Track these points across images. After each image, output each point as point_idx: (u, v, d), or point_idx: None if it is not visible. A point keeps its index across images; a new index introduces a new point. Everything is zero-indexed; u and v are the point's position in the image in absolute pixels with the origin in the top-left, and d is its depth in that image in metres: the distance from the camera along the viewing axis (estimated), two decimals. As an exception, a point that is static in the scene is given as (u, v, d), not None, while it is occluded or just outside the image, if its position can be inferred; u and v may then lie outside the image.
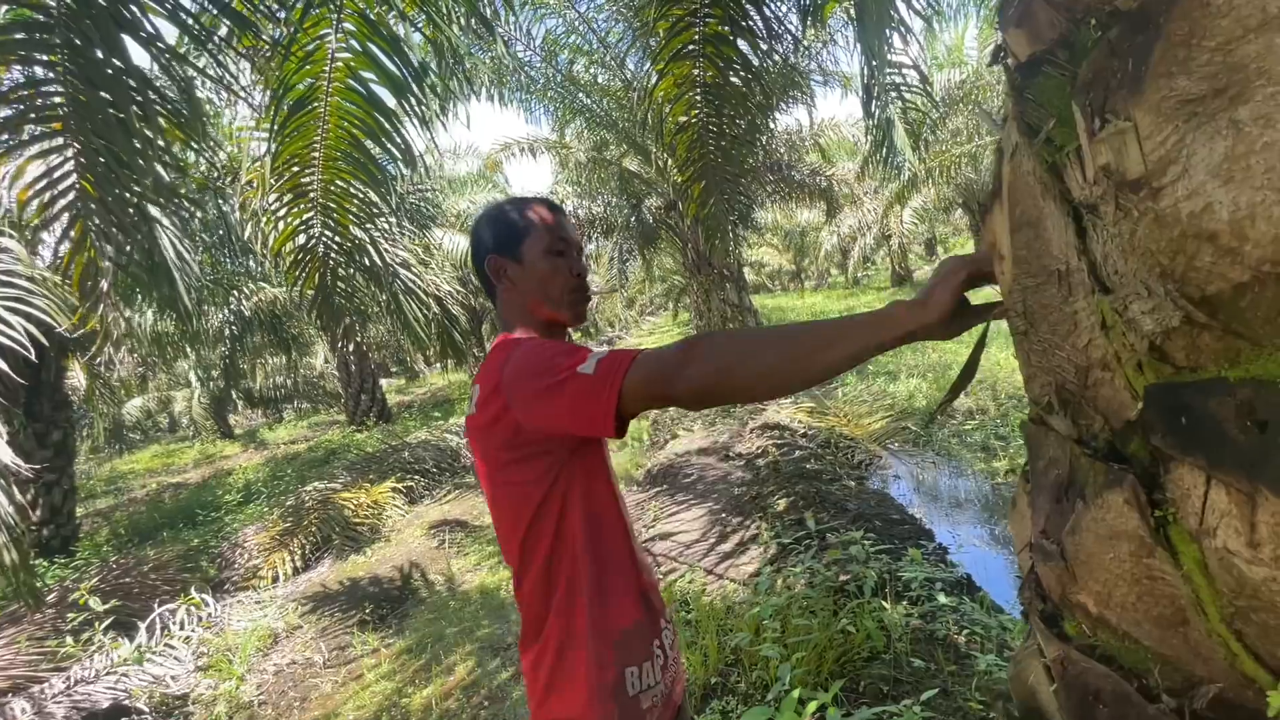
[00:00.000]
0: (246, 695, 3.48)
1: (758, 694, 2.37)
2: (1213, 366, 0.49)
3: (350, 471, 7.50)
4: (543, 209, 1.03)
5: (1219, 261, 0.46)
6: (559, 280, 1.00)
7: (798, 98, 8.55)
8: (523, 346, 0.88)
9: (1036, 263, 0.68)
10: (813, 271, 26.80)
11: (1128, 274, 0.52)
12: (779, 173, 10.69)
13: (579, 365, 0.78)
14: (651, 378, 0.74)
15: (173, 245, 5.15)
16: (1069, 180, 0.60)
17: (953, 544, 3.54)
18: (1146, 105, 0.48)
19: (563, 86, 8.28)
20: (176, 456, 13.55)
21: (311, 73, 2.98)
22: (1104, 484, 0.60)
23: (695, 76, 3.81)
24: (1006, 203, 0.69)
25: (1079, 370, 0.65)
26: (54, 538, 6.41)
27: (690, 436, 6.65)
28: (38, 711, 3.16)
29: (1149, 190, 0.48)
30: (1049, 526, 0.67)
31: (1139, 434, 0.56)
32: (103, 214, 2.59)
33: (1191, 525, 0.52)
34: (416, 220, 9.19)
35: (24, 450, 6.19)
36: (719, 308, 8.97)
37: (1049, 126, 0.59)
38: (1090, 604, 0.62)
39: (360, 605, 4.36)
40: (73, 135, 2.31)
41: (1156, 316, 0.50)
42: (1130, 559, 0.58)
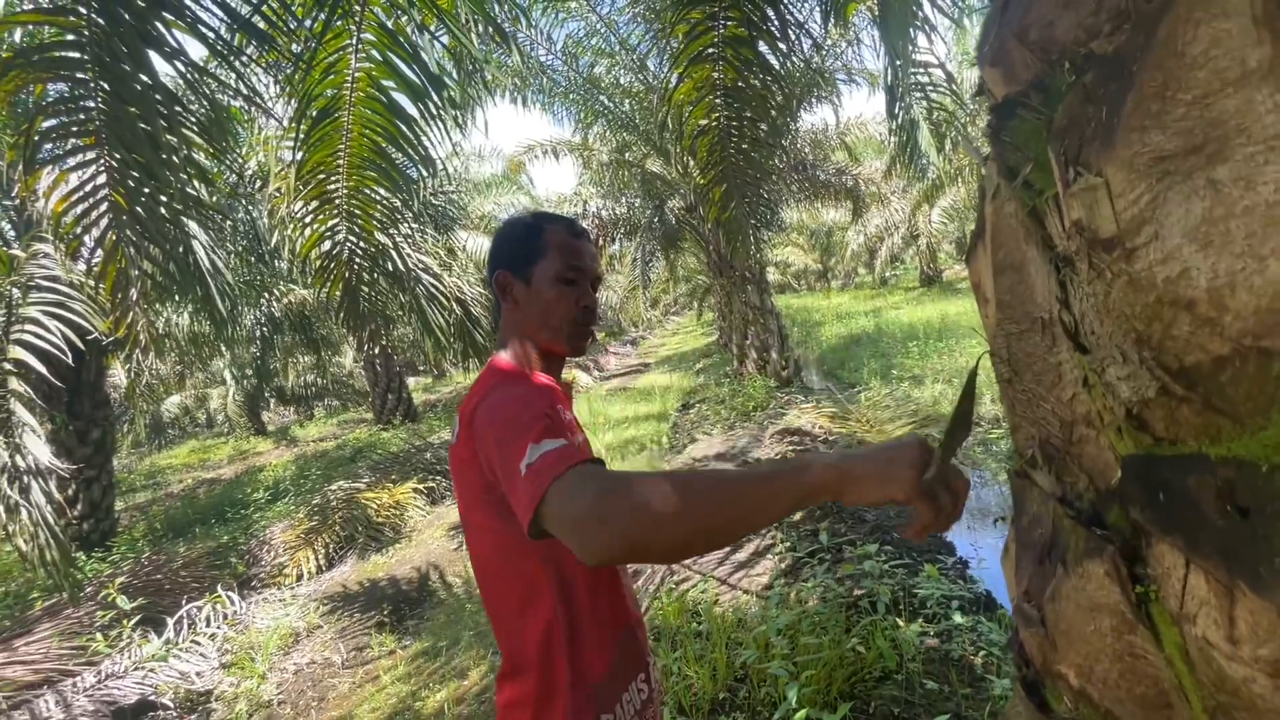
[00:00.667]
0: (267, 694, 3.56)
1: (766, 711, 2.33)
2: (1193, 441, 0.45)
3: (374, 471, 7.64)
4: (564, 233, 0.99)
5: (1197, 332, 0.42)
6: (563, 310, 0.96)
7: (822, 97, 8.43)
8: (492, 398, 0.84)
9: (1020, 308, 0.65)
10: (839, 271, 26.43)
11: (1104, 336, 0.49)
12: (804, 172, 10.55)
13: (525, 451, 0.72)
14: (559, 517, 0.66)
15: (205, 252, 5.31)
16: (1050, 227, 0.57)
17: (974, 557, 3.44)
18: (1119, 160, 0.44)
19: (584, 89, 8.29)
20: (212, 452, 13.97)
21: (334, 83, 3.03)
22: (1085, 551, 0.56)
23: (715, 79, 3.77)
24: (989, 244, 0.66)
25: (1064, 424, 0.61)
26: (93, 532, 6.66)
27: (709, 441, 6.60)
28: (67, 706, 3.28)
29: (1122, 251, 0.45)
30: (1031, 588, 0.63)
31: (1119, 503, 0.52)
32: (134, 224, 2.67)
33: (1173, 607, 0.48)
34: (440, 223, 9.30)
35: (65, 447, 6.44)
36: (740, 310, 8.89)
37: (1026, 170, 0.55)
38: (1072, 676, 0.58)
39: (379, 606, 4.43)
40: (105, 149, 2.40)
41: (1132, 385, 0.47)
42: (1112, 634, 0.54)
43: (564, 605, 0.87)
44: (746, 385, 8.20)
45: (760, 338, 8.79)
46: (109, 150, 2.39)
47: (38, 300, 4.80)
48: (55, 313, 4.73)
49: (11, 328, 4.66)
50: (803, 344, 13.01)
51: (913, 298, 16.50)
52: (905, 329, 10.90)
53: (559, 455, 0.70)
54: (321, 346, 11.44)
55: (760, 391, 7.73)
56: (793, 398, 7.55)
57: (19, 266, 4.99)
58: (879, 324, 12.38)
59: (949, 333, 9.58)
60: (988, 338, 0.70)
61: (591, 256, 1.01)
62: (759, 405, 7.26)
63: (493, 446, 0.77)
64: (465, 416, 0.88)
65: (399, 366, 12.86)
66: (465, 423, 0.87)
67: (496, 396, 0.84)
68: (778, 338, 8.73)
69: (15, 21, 2.36)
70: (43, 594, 4.89)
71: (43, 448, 4.27)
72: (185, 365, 13.40)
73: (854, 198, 11.25)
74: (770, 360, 8.69)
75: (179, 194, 2.80)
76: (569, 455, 0.70)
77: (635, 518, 0.62)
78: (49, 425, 6.38)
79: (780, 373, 8.56)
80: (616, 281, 21.00)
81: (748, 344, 8.96)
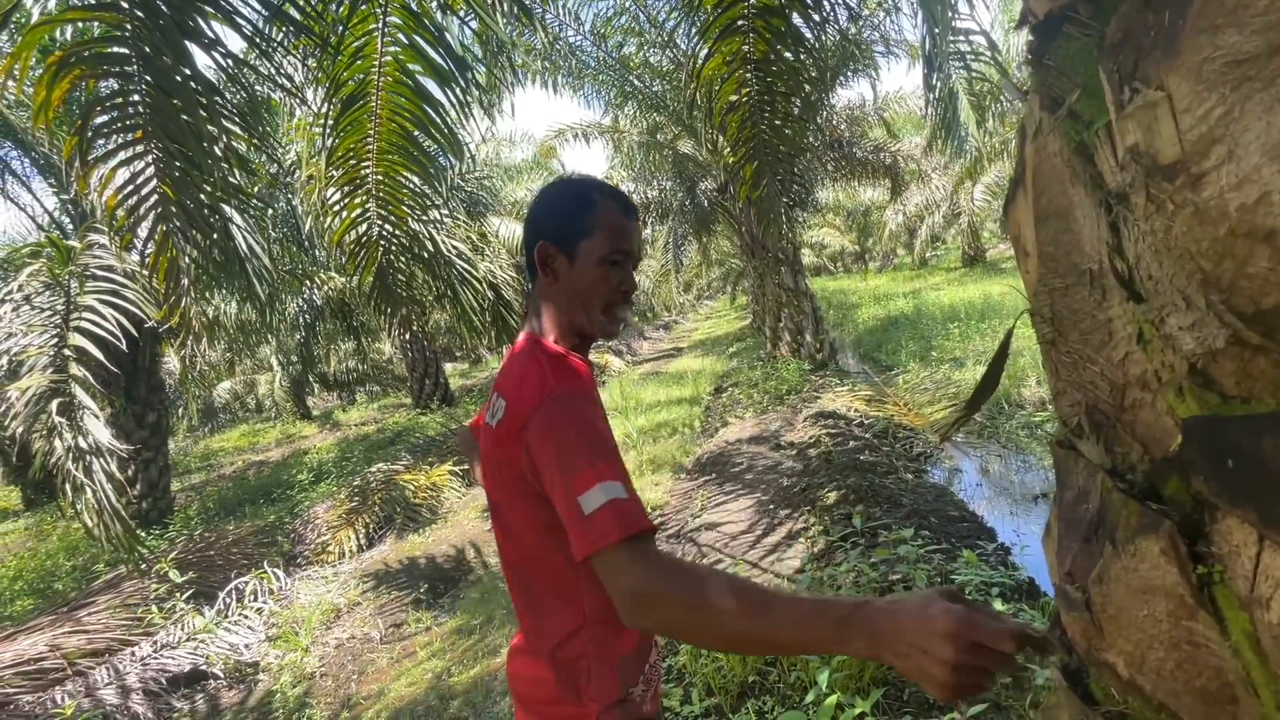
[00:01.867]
0: (310, 666, 3.69)
1: (796, 695, 2.30)
2: (1270, 398, 0.39)
3: (412, 454, 7.81)
4: (616, 209, 0.94)
5: (1278, 268, 0.36)
6: (604, 291, 0.93)
7: (859, 70, 8.15)
8: (553, 409, 0.81)
9: (1065, 260, 0.58)
10: (877, 252, 25.75)
11: (1164, 281, 0.43)
12: (840, 150, 10.25)
13: (590, 486, 0.74)
14: (615, 578, 0.71)
15: (244, 240, 5.46)
16: (1100, 163, 0.50)
17: (1016, 544, 3.32)
18: (1184, 69, 0.38)
19: (614, 70, 8.20)
20: (261, 436, 14.53)
21: (362, 68, 3.05)
22: (1138, 527, 0.50)
23: (745, 53, 3.66)
24: (1031, 190, 0.59)
25: (1114, 388, 0.55)
26: (152, 510, 7.00)
27: (741, 424, 6.53)
28: (130, 672, 3.46)
29: (1187, 177, 0.38)
30: (1075, 569, 0.57)
31: (1178, 473, 0.46)
32: (181, 215, 2.76)
33: (1241, 590, 0.42)
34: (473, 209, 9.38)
35: (124, 430, 6.76)
36: (773, 292, 8.73)
37: (1073, 98, 0.49)
38: (1120, 665, 0.53)
39: (416, 584, 4.54)
40: (152, 141, 2.46)
41: (1198, 334, 0.41)
42: (1168, 619, 0.48)
43: (597, 600, 0.88)
44: (779, 368, 8.07)
45: (794, 320, 8.63)
46: (155, 143, 2.46)
47: (94, 289, 5.02)
48: (111, 301, 4.94)
49: (71, 315, 4.89)
50: (838, 326, 12.73)
51: (954, 278, 15.94)
52: (946, 310, 10.54)
53: (628, 514, 0.73)
54: (361, 333, 11.73)
55: (794, 374, 7.60)
56: (827, 381, 7.40)
57: (76, 257, 5.22)
58: (918, 305, 12.01)
59: (992, 313, 9.22)
60: (1028, 296, 0.63)
61: (638, 236, 0.98)
62: (792, 388, 7.14)
63: (552, 466, 0.77)
64: (517, 412, 0.85)
65: (436, 352, 13.10)
66: (515, 418, 0.84)
67: (557, 409, 0.80)
68: (812, 320, 8.55)
69: (63, 20, 2.44)
70: (107, 567, 5.17)
71: (103, 429, 4.48)
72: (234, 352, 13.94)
73: (892, 175, 10.90)
74: (804, 343, 8.53)
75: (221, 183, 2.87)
76: (637, 516, 0.73)
77: (678, 623, 0.69)
78: (108, 409, 6.70)
79: (814, 355, 8.40)
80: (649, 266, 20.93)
81: (781, 326, 8.81)
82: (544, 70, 7.94)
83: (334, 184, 3.59)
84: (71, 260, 5.14)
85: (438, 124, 3.21)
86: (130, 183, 2.67)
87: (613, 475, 0.75)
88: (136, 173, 2.65)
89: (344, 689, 3.46)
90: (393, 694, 3.29)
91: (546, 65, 7.91)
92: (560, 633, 0.90)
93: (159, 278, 3.22)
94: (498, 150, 13.50)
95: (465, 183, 9.29)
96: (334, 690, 3.47)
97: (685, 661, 2.64)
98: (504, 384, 0.92)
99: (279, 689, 3.46)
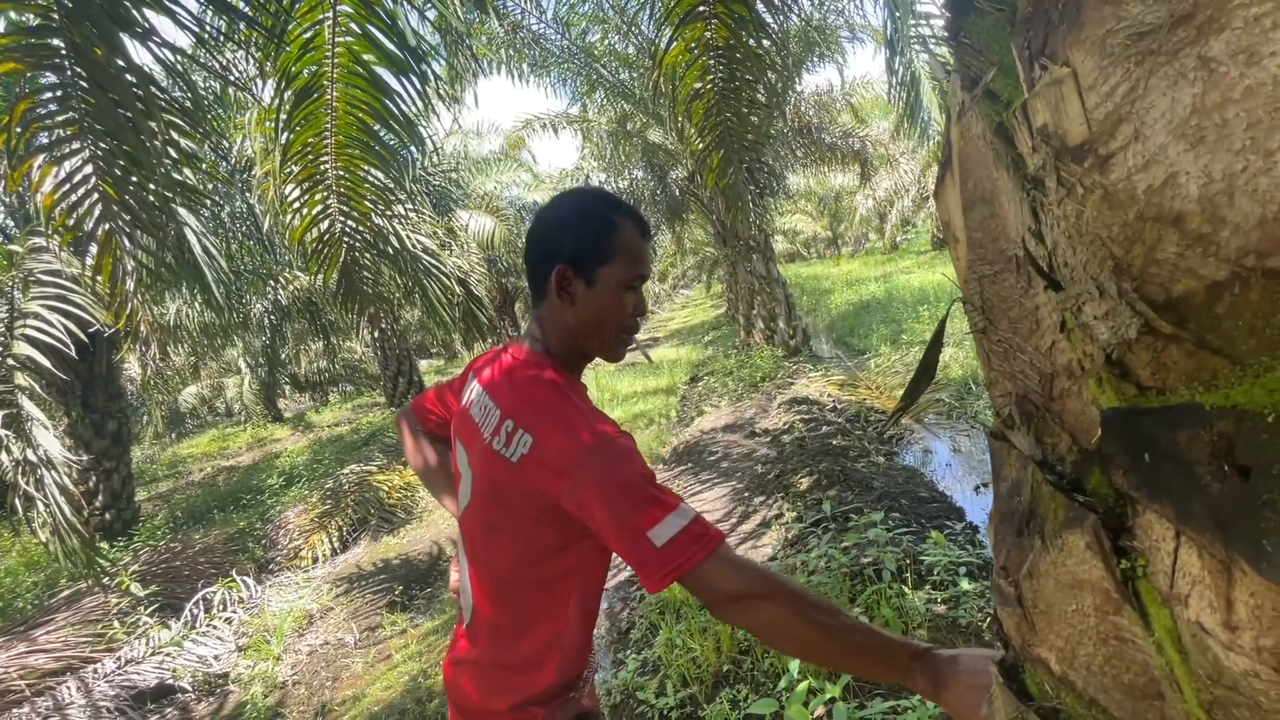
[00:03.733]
0: (282, 675, 3.62)
1: (769, 683, 2.31)
2: (1184, 389, 0.37)
3: (386, 454, 7.69)
4: (635, 232, 0.91)
5: (1187, 253, 0.34)
6: (619, 319, 0.91)
7: (825, 56, 8.15)
8: (603, 457, 0.81)
9: (993, 246, 0.56)
10: (849, 237, 25.99)
11: (1078, 268, 0.41)
12: (809, 136, 10.27)
13: (658, 521, 0.77)
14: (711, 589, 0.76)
15: (198, 241, 5.28)
16: (1020, 145, 0.48)
17: (984, 522, 3.37)
18: (1088, 43, 0.35)
19: (579, 58, 8.08)
20: (231, 441, 14.19)
21: (314, 60, 2.94)
22: (1065, 521, 0.49)
23: (708, 39, 3.62)
24: (958, 174, 0.57)
25: (1043, 378, 0.54)
26: (116, 521, 6.79)
27: (716, 413, 6.54)
28: (89, 691, 3.35)
29: (1095, 159, 0.36)
30: (1009, 563, 0.56)
31: (1100, 465, 0.45)
32: (124, 214, 2.64)
33: (1162, 586, 0.41)
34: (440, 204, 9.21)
35: (83, 440, 6.54)
36: (746, 279, 8.75)
37: (988, 77, 0.47)
38: (1052, 661, 0.52)
39: (391, 586, 4.47)
40: (89, 137, 2.35)
41: (1111, 323, 0.39)
42: (1095, 615, 0.47)
43: (576, 613, 0.93)
44: (754, 356, 8.10)
45: (767, 307, 8.66)
46: (93, 139, 2.34)
47: (39, 295, 4.81)
48: (57, 307, 4.74)
49: (15, 323, 4.69)
50: (811, 312, 12.83)
51: (924, 261, 16.16)
52: (916, 293, 10.68)
53: (704, 533, 0.77)
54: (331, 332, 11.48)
55: (768, 362, 7.64)
56: (801, 367, 7.45)
57: (19, 262, 5.00)
58: (889, 289, 12.15)
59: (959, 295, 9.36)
60: (959, 283, 0.61)
61: (652, 258, 0.98)
62: (767, 375, 7.18)
63: (614, 512, 0.79)
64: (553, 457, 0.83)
65: (409, 350, 12.89)
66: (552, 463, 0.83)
67: (607, 458, 0.81)
68: (785, 307, 8.59)
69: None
70: (69, 583, 5.00)
71: (52, 440, 4.31)
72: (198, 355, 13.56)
73: (861, 160, 10.96)
74: (778, 330, 8.58)
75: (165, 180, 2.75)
76: (710, 530, 0.78)
77: (777, 623, 0.74)
78: (66, 419, 6.46)
79: (788, 342, 8.45)
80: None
81: (754, 314, 8.83)
82: (508, 59, 7.79)
83: (292, 180, 3.48)
84: (14, 265, 4.91)
85: (396, 116, 3.11)
86: (68, 180, 2.54)
87: (674, 502, 0.79)
88: (74, 170, 2.53)
89: (318, 696, 3.40)
90: (369, 698, 3.24)
91: (510, 54, 7.76)
92: (531, 647, 0.92)
93: (104, 280, 3.09)
94: (465, 143, 13.27)
95: (431, 176, 9.11)
96: (307, 698, 3.40)
97: (660, 654, 2.64)
98: (519, 410, 0.88)
99: (249, 699, 3.38)
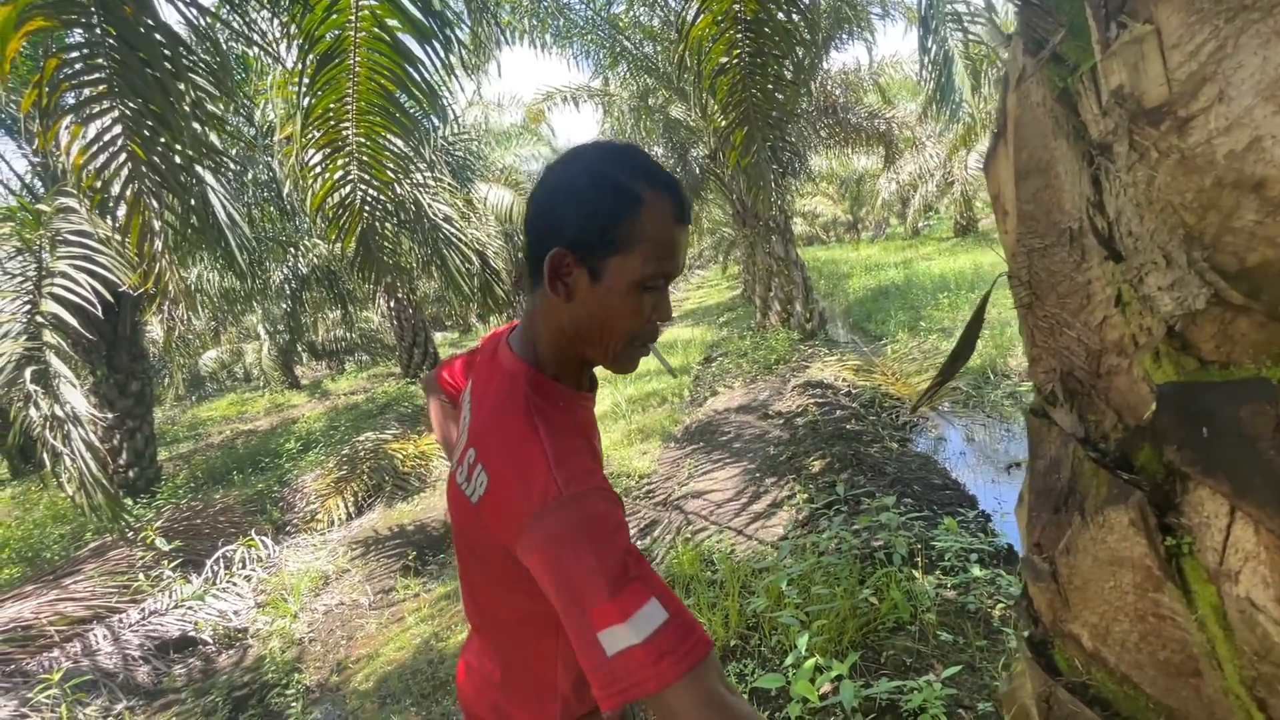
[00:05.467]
0: (298, 632, 3.72)
1: (776, 659, 2.34)
2: (1249, 363, 0.36)
3: (401, 423, 7.80)
4: (668, 214, 0.68)
5: (1267, 220, 0.33)
6: (631, 326, 0.71)
7: (854, 32, 7.96)
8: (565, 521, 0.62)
9: (1045, 219, 0.55)
10: (870, 222, 25.60)
11: (1144, 237, 0.40)
12: (833, 116, 10.07)
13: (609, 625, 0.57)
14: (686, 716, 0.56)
15: (222, 206, 5.32)
16: (1084, 112, 0.47)
17: (997, 511, 3.37)
18: (1174, 1, 0.34)
19: (604, 29, 7.96)
20: (249, 405, 14.44)
21: (337, 23, 2.93)
22: (1108, 498, 0.49)
23: (736, 12, 3.55)
24: (1011, 144, 0.56)
25: (1090, 354, 0.53)
26: (139, 479, 6.97)
27: (730, 393, 6.54)
28: (116, 639, 3.47)
29: (1174, 121, 0.35)
30: (1043, 539, 0.56)
31: (1150, 441, 0.44)
32: (152, 176, 2.66)
33: (1210, 562, 0.41)
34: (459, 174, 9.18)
35: (107, 399, 6.69)
36: (764, 261, 8.67)
37: (1056, 39, 0.45)
38: (1085, 637, 0.52)
39: (405, 551, 4.57)
40: (118, 97, 2.36)
41: (1177, 294, 0.38)
42: (1134, 591, 0.47)
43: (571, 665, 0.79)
44: (769, 338, 8.07)
45: (784, 290, 8.59)
46: (122, 99, 2.36)
47: (66, 255, 4.88)
48: (84, 267, 4.82)
49: (43, 282, 4.77)
50: (829, 296, 12.71)
51: (945, 248, 15.90)
52: (936, 280, 10.53)
53: (673, 647, 0.56)
54: (349, 301, 11.58)
55: (783, 344, 7.60)
56: (816, 350, 7.41)
57: (47, 222, 5.07)
58: (909, 275, 11.99)
59: (982, 283, 9.22)
60: (1006, 257, 0.60)
61: (685, 249, 0.72)
62: (781, 358, 7.15)
63: (562, 595, 0.60)
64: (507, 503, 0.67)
65: (424, 321, 12.98)
66: (505, 512, 0.67)
67: (564, 521, 0.62)
68: (802, 289, 8.52)
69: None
70: (95, 536, 5.16)
71: (79, 397, 4.41)
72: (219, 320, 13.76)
73: (886, 143, 10.74)
74: (794, 312, 8.52)
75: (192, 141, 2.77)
76: (685, 645, 0.57)
77: None
78: (90, 378, 6.60)
79: (804, 325, 8.40)
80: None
81: (771, 296, 8.77)
82: (531, 29, 7.69)
83: (313, 145, 3.48)
84: (43, 225, 4.99)
85: (418, 82, 3.10)
86: (96, 141, 2.57)
87: (642, 598, 0.58)
88: (103, 130, 2.55)
89: (333, 654, 3.50)
90: (382, 658, 3.33)
91: (534, 23, 7.66)
92: (522, 692, 0.84)
93: (132, 240, 3.13)
94: (486, 114, 13.18)
95: (452, 146, 9.07)
96: (323, 655, 3.50)
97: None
98: (481, 438, 0.73)
99: (268, 654, 3.49)
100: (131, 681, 3.28)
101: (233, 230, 5.39)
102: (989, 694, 1.93)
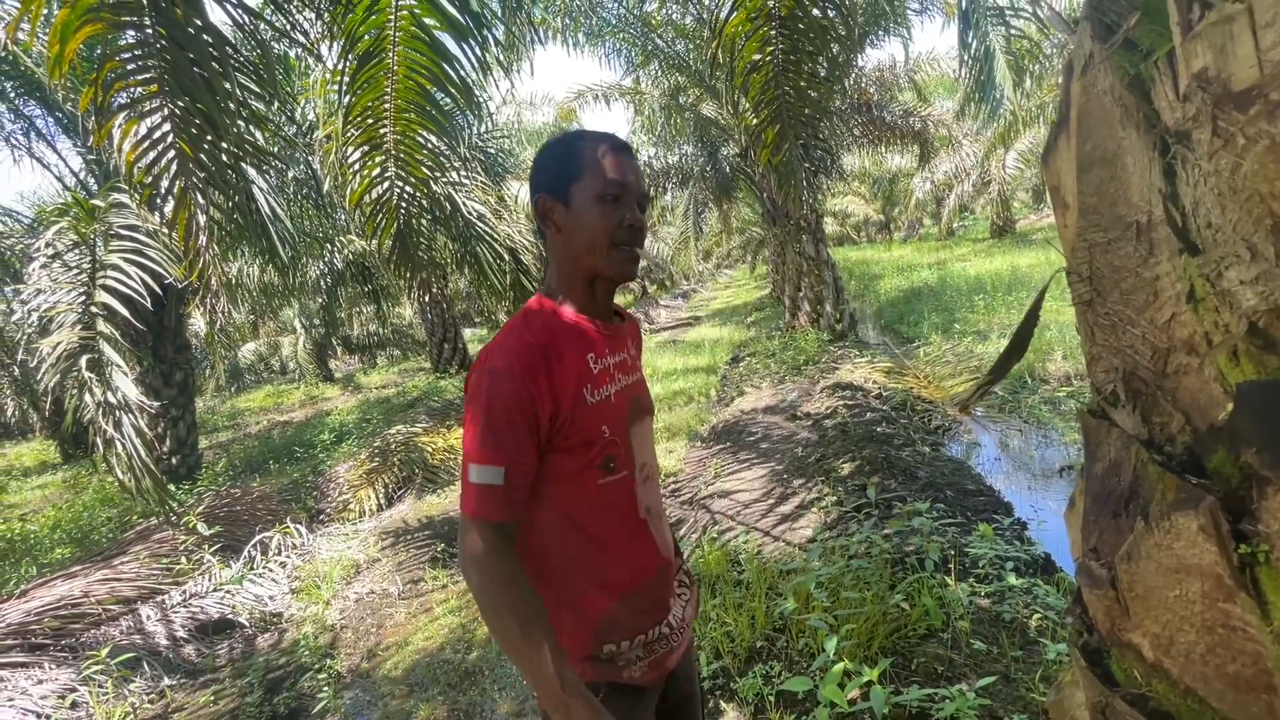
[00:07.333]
0: (331, 618, 3.81)
1: (804, 661, 2.31)
2: (1342, 361, 0.34)
3: (431, 417, 7.92)
4: (604, 147, 0.93)
5: (1366, 210, 0.31)
6: (606, 228, 0.91)
7: (890, 29, 7.82)
8: (475, 379, 0.89)
9: (1110, 212, 0.53)
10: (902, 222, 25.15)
11: (1225, 228, 0.38)
12: (867, 114, 9.91)
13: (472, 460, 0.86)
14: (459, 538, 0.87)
15: (265, 200, 5.47)
16: (1157, 99, 0.45)
17: (1034, 519, 3.27)
18: (1270, -23, 0.32)
19: (636, 27, 7.97)
20: (285, 397, 14.84)
21: (377, 23, 2.99)
22: (1175, 503, 0.47)
23: (770, 9, 3.53)
24: (1075, 134, 0.54)
25: (1156, 353, 0.51)
26: (180, 466, 7.22)
27: (757, 394, 6.49)
28: (161, 618, 3.60)
29: (1264, 105, 0.33)
30: (1101, 545, 0.54)
31: (1225, 444, 0.42)
32: (199, 172, 2.76)
33: (1290, 571, 0.39)
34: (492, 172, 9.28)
35: (152, 388, 6.94)
36: (794, 261, 8.58)
37: (1130, 24, 0.43)
38: (1146, 647, 0.50)
39: (434, 542, 4.64)
40: (168, 96, 2.45)
41: (1262, 289, 0.36)
42: (1202, 600, 0.45)
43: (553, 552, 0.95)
44: (798, 339, 7.98)
45: (814, 290, 8.49)
46: (172, 98, 2.44)
47: (118, 248, 5.08)
48: (134, 259, 5.00)
49: (96, 274, 4.97)
50: (860, 297, 12.52)
51: (981, 249, 15.51)
52: (971, 282, 10.28)
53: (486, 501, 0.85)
54: (382, 297, 11.82)
55: (812, 345, 7.51)
56: (846, 351, 7.30)
57: (101, 216, 5.28)
58: (943, 277, 11.73)
59: (1020, 286, 8.97)
60: (1065, 252, 0.58)
61: (634, 171, 0.95)
62: (810, 359, 7.07)
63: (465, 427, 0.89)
64: None
65: (455, 317, 13.17)
66: None
67: (479, 381, 0.88)
68: (832, 290, 8.41)
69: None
70: (141, 519, 5.37)
71: (130, 385, 4.59)
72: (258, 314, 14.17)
73: (921, 141, 10.53)
74: (824, 313, 8.41)
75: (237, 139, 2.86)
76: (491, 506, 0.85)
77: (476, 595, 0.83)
78: (136, 367, 6.86)
79: (834, 326, 8.29)
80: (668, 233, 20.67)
81: (801, 296, 8.68)
82: (564, 27, 7.74)
83: (352, 143, 3.56)
84: (96, 219, 5.19)
85: (455, 81, 3.14)
86: (147, 138, 2.66)
87: (497, 460, 0.84)
88: (153, 128, 2.64)
89: (364, 640, 3.58)
90: (411, 646, 3.39)
91: (567, 22, 7.70)
92: None
93: (179, 234, 3.24)
94: (518, 113, 13.31)
95: (485, 144, 9.18)
96: (354, 641, 3.58)
97: (694, 626, 2.67)
98: None
99: (303, 638, 3.58)
100: (174, 660, 3.40)
101: (275, 224, 5.55)
102: (1025, 706, 1.87)
